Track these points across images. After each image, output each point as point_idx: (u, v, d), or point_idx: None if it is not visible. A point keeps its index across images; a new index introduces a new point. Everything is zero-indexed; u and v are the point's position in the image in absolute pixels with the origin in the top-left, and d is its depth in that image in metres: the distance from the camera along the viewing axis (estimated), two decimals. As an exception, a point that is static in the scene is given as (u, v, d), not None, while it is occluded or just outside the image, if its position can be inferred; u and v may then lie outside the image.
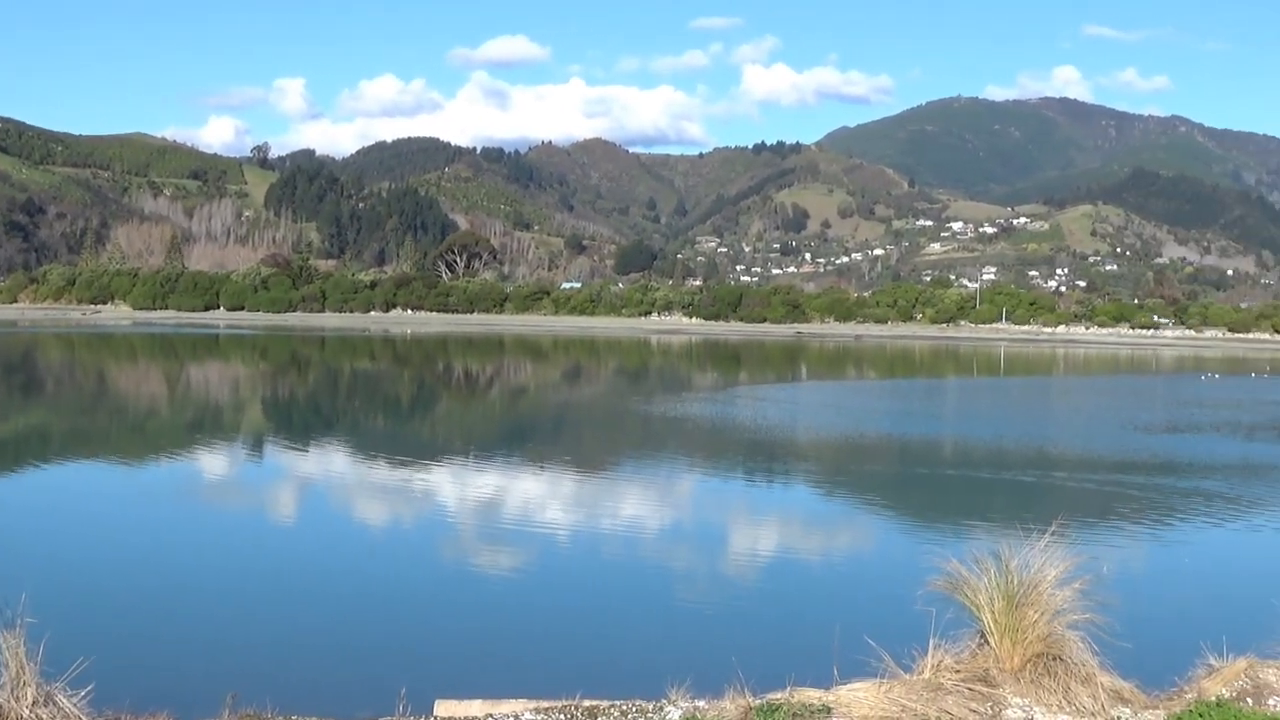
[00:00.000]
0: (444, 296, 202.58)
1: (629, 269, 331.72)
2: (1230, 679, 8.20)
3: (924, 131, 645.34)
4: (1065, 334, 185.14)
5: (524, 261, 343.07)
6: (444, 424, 45.68)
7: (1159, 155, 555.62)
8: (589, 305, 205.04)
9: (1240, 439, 40.44)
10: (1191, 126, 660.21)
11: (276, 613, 15.32)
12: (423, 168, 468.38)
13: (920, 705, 7.55)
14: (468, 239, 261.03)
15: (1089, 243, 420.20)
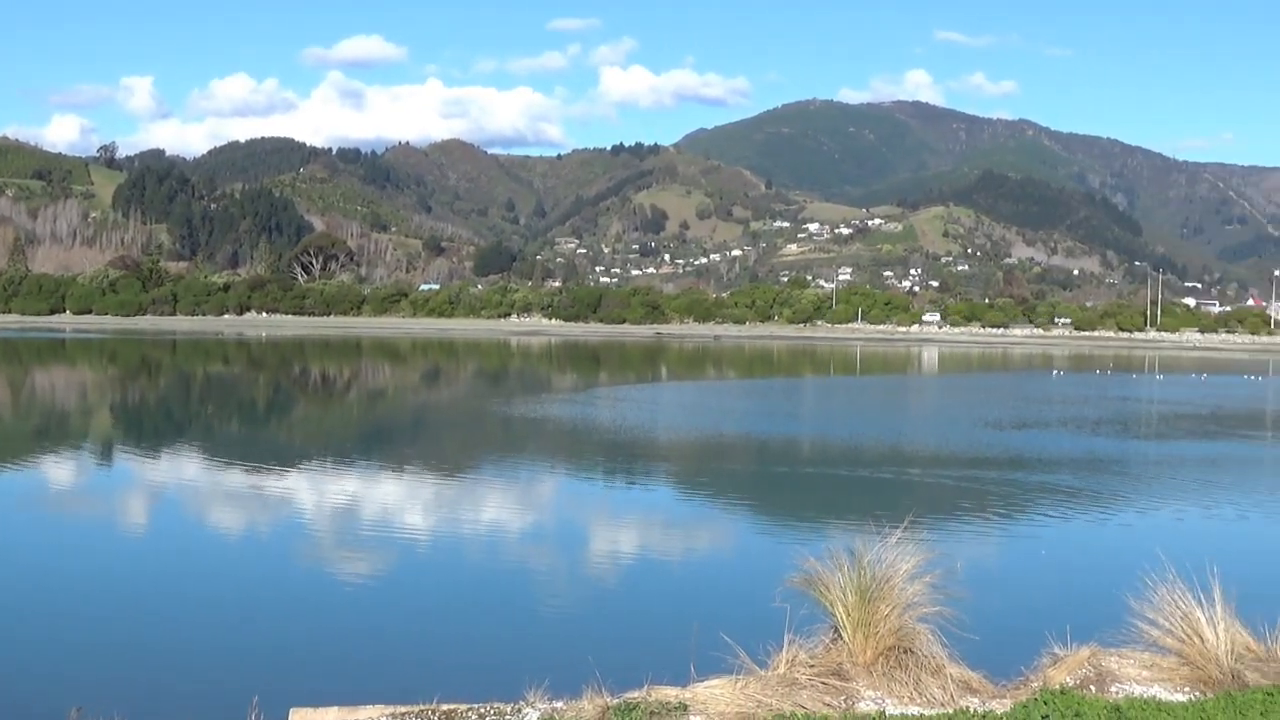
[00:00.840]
0: (300, 299, 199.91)
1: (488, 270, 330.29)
2: (1074, 668, 8.40)
3: (780, 134, 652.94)
4: (919, 333, 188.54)
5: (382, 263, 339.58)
6: (300, 428, 45.02)
7: (1008, 158, 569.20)
8: (448, 307, 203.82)
9: (1086, 434, 41.54)
10: (1038, 130, 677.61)
11: (124, 623, 14.94)
12: (277, 168, 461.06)
13: (775, 700, 7.62)
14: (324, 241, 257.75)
15: (941, 244, 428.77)
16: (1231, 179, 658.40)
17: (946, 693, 7.91)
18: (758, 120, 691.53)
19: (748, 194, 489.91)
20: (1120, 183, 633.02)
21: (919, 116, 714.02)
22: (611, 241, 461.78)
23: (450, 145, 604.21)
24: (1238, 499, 26.65)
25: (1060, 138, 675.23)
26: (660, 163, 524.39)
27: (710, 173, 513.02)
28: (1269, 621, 9.26)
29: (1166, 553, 9.45)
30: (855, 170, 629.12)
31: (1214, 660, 8.46)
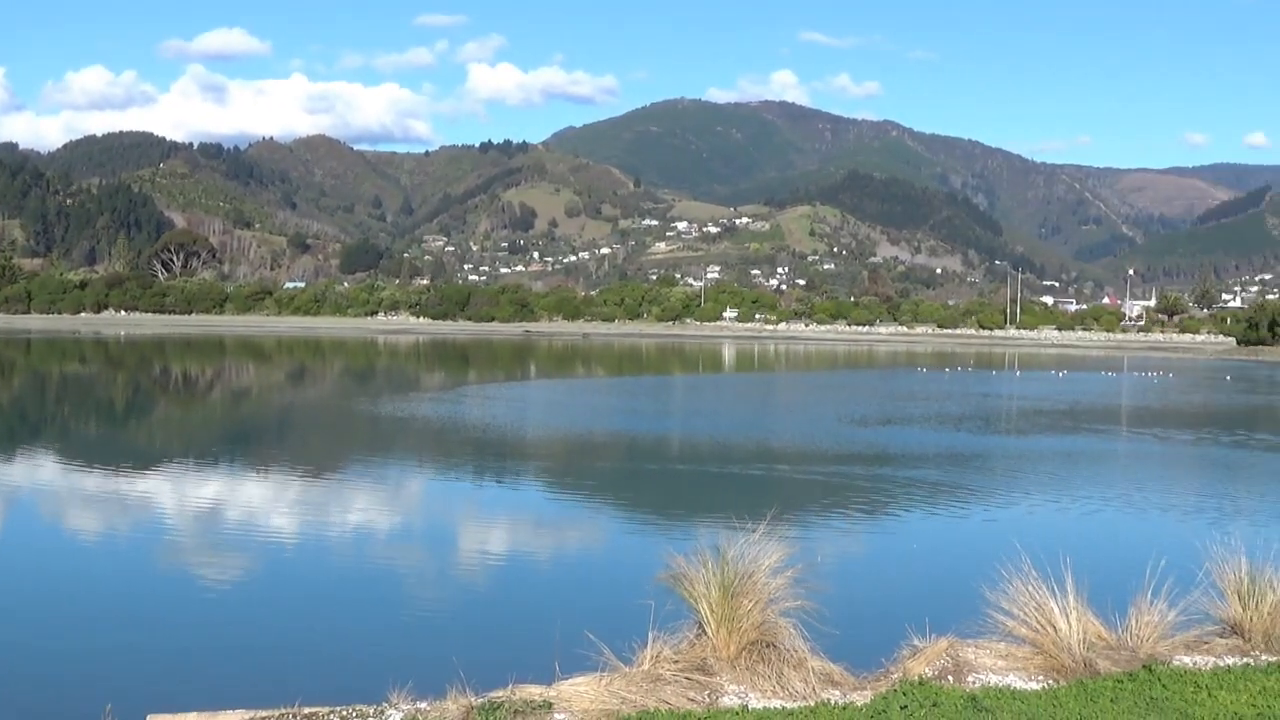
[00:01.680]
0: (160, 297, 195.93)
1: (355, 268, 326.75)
2: (933, 659, 8.56)
3: (649, 132, 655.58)
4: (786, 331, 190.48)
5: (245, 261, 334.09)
6: (161, 429, 44.07)
7: (872, 158, 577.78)
8: (313, 305, 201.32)
9: (949, 430, 42.31)
10: (902, 131, 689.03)
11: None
12: (136, 163, 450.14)
13: (640, 696, 7.65)
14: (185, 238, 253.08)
15: (808, 242, 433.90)
16: (1087, 180, 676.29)
17: (808, 685, 8.01)
18: (626, 119, 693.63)
19: (616, 192, 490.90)
20: (981, 183, 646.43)
21: (785, 116, 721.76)
22: (480, 239, 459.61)
23: (316, 141, 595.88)
24: (1092, 492, 27.35)
25: (923, 139, 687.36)
26: (529, 160, 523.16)
27: (579, 171, 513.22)
28: (1119, 610, 9.52)
29: (1023, 545, 9.66)
30: (723, 169, 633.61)
31: (1067, 649, 8.68)
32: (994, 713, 7.37)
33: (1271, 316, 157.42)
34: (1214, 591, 9.89)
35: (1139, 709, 7.51)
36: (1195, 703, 7.72)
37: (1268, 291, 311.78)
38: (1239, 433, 44.47)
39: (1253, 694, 7.89)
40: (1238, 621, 9.61)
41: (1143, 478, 30.97)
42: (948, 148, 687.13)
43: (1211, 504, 26.17)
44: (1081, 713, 7.37)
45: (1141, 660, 8.81)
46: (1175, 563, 9.97)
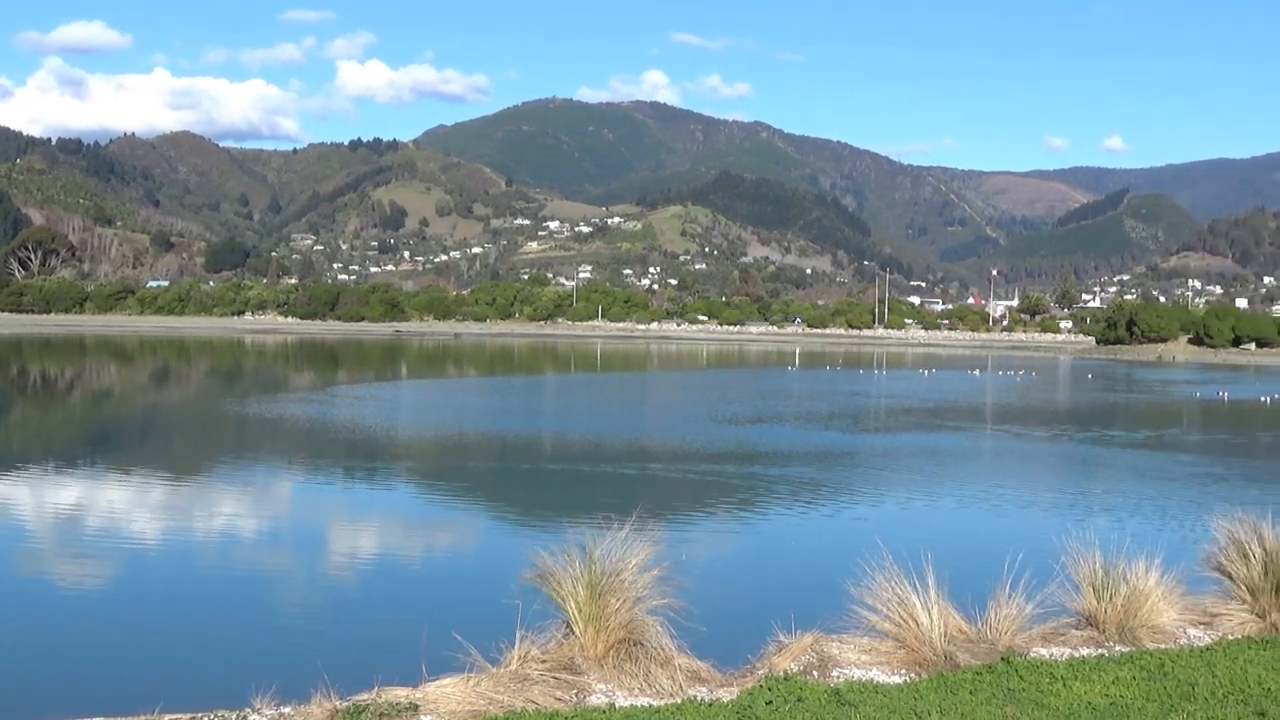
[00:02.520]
0: (17, 296, 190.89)
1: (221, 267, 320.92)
2: (798, 654, 8.67)
3: (520, 131, 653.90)
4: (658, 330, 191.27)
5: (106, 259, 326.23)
6: (19, 432, 42.88)
7: (743, 159, 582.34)
8: (178, 305, 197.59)
9: (819, 428, 42.83)
10: (772, 132, 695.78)
11: None
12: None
13: (507, 697, 7.64)
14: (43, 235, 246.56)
15: (679, 242, 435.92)
16: (953, 182, 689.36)
17: (675, 683, 8.06)
18: (498, 118, 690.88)
19: (488, 191, 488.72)
20: (850, 185, 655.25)
21: (657, 116, 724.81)
22: (350, 238, 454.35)
23: (179, 137, 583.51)
24: (956, 489, 27.88)
25: (793, 140, 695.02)
26: (400, 159, 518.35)
27: (450, 169, 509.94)
28: (979, 604, 9.72)
29: (887, 541, 9.82)
30: (595, 169, 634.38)
31: (928, 643, 8.85)
32: (857, 706, 7.49)
33: (1129, 316, 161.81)
34: (1070, 585, 10.14)
35: (997, 700, 7.67)
36: (1051, 693, 7.91)
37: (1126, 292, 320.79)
38: (1096, 430, 45.63)
39: (1106, 684, 8.11)
40: (1092, 613, 9.87)
41: (1004, 474, 31.64)
42: (817, 149, 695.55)
43: (1069, 499, 26.82)
44: (941, 704, 7.52)
45: (1000, 652, 9.01)
46: (1034, 557, 10.20)
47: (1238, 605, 10.34)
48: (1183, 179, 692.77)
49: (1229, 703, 7.67)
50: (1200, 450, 38.94)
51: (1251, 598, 10.31)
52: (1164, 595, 10.06)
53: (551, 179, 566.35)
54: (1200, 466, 33.66)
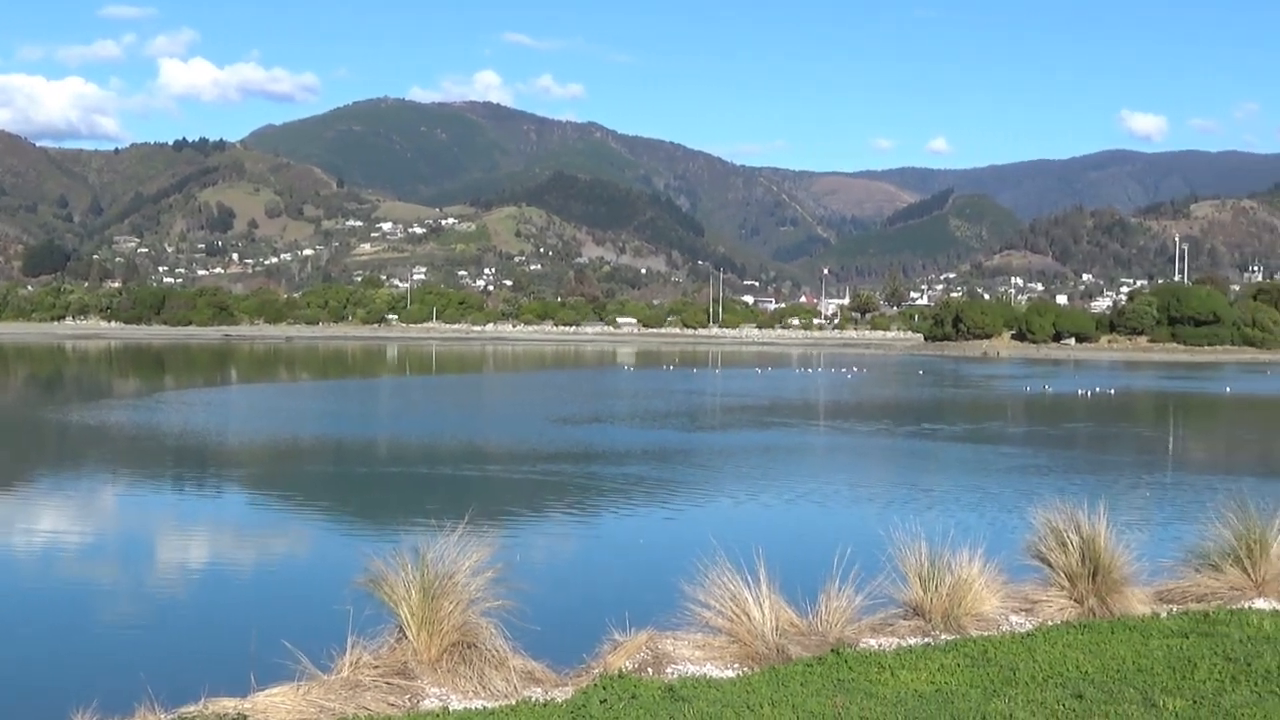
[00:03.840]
0: None
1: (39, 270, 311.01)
2: (633, 652, 8.71)
3: (352, 131, 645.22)
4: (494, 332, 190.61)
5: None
6: None
7: (577, 160, 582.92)
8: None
9: (655, 427, 43.09)
10: (606, 133, 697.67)
11: None
12: None
13: (339, 704, 7.54)
14: None
15: (514, 243, 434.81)
16: (784, 183, 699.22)
17: (510, 684, 8.04)
18: (328, 117, 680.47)
19: (319, 192, 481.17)
20: (683, 185, 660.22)
21: (490, 117, 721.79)
22: (176, 240, 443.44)
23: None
24: (789, 484, 28.30)
25: (626, 140, 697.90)
26: (227, 159, 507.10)
27: (280, 170, 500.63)
28: (810, 598, 9.88)
29: (720, 538, 9.91)
30: (428, 169, 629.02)
31: (760, 637, 8.96)
32: (690, 702, 7.55)
33: (955, 314, 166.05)
34: (898, 576, 10.36)
35: (827, 690, 7.81)
36: (879, 682, 8.08)
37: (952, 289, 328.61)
38: (925, 424, 46.70)
39: (932, 672, 8.32)
40: (919, 603, 10.10)
41: (836, 469, 32.21)
42: (650, 150, 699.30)
43: (898, 493, 27.41)
44: (773, 697, 7.62)
45: (831, 644, 9.17)
46: (863, 550, 10.40)
47: (1057, 591, 10.67)
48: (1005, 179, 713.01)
49: (1048, 686, 7.92)
50: (1023, 442, 40.11)
51: (1070, 584, 10.64)
52: (987, 584, 10.33)
53: (384, 180, 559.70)
54: (1023, 458, 34.66)
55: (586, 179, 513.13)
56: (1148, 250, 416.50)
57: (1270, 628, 9.62)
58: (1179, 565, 11.86)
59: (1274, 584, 11.20)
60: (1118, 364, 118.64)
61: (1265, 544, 11.30)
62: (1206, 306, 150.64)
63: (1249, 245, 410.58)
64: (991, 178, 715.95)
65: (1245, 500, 11.60)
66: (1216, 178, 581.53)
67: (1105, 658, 8.67)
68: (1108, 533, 10.69)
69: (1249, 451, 40.46)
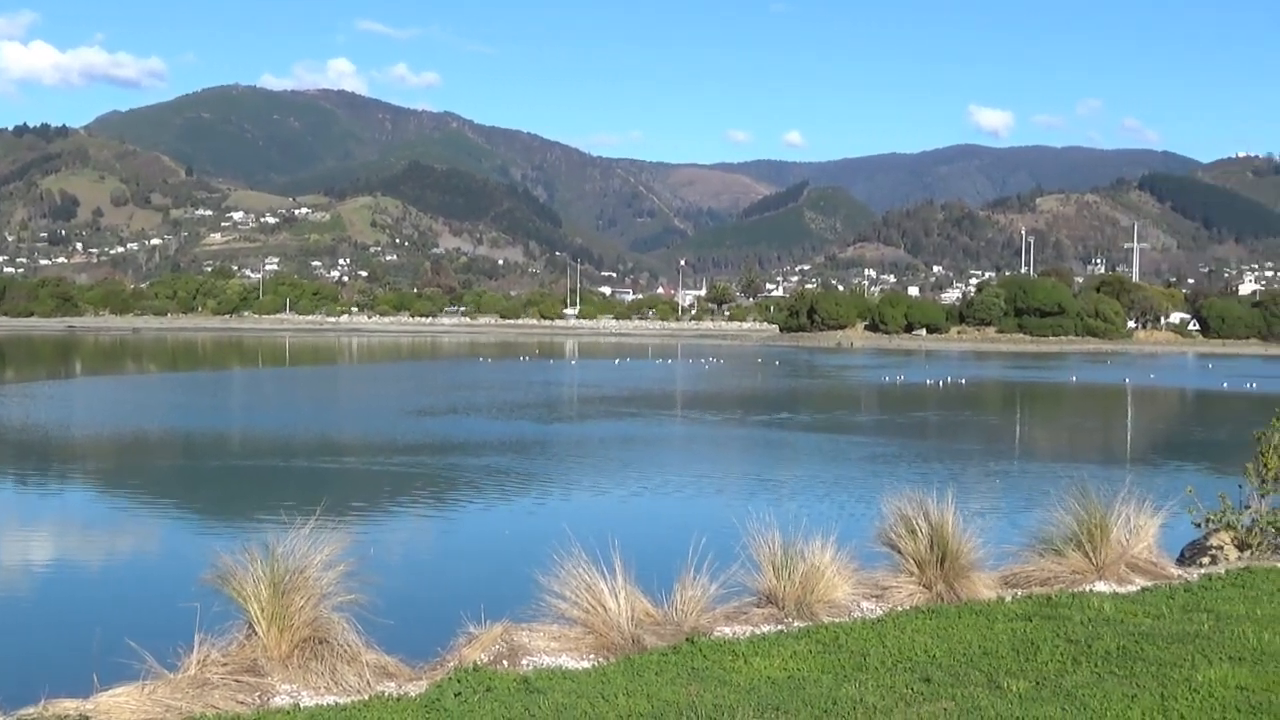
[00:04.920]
0: None
1: None
2: (488, 644, 8.66)
3: (201, 119, 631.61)
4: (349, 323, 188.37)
5: None
6: None
7: (433, 149, 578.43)
8: None
9: (513, 418, 42.97)
10: (462, 123, 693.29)
11: None
12: None
13: (186, 703, 7.37)
14: None
15: (369, 233, 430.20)
16: (641, 174, 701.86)
17: (363, 680, 7.94)
18: (176, 104, 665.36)
19: (167, 180, 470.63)
20: (541, 176, 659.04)
21: (345, 105, 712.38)
22: (16, 229, 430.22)
23: None
24: (646, 474, 28.45)
25: (483, 131, 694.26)
26: (70, 146, 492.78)
27: (126, 157, 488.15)
28: (666, 587, 9.92)
29: (577, 529, 9.90)
30: (280, 158, 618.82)
31: (616, 627, 8.98)
32: (545, 693, 7.54)
33: (810, 305, 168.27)
34: (752, 565, 10.44)
35: (681, 679, 7.85)
36: (733, 670, 8.15)
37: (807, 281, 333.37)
38: (780, 414, 47.27)
39: (784, 658, 8.41)
40: (773, 591, 10.19)
41: (693, 459, 32.45)
42: (507, 140, 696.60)
43: (754, 482, 27.72)
44: (628, 687, 7.64)
45: (686, 633, 9.22)
46: (719, 539, 10.47)
47: (906, 578, 10.85)
48: (858, 172, 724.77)
49: (898, 670, 8.06)
50: (876, 431, 40.83)
51: (919, 570, 10.83)
52: (839, 571, 10.46)
53: (235, 168, 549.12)
54: (875, 447, 35.28)
55: (443, 169, 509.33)
56: (996, 243, 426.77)
57: (1110, 610, 9.90)
58: (1024, 550, 12.14)
59: (1114, 568, 11.53)
60: (967, 354, 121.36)
61: (1105, 529, 11.63)
62: (1051, 298, 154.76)
63: (1092, 238, 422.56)
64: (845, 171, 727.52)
65: (1087, 487, 11.91)
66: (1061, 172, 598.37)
67: (952, 642, 8.85)
68: (955, 520, 10.90)
69: (1091, 439, 41.69)
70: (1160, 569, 11.99)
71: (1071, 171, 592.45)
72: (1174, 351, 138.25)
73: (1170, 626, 9.27)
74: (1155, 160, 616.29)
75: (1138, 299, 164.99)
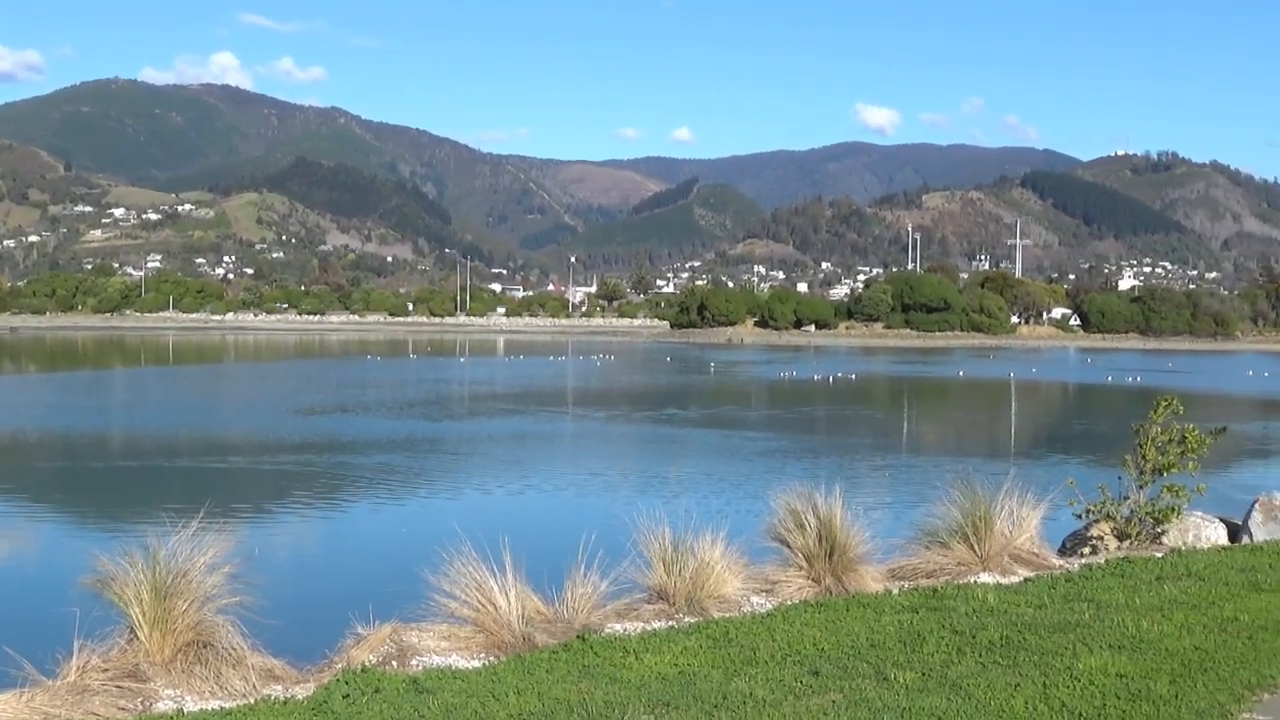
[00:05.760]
0: None
1: None
2: (376, 645, 8.58)
3: (80, 113, 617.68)
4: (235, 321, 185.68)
5: None
6: None
7: (320, 145, 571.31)
8: None
9: (404, 417, 42.63)
10: (350, 118, 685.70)
11: None
12: None
13: (65, 710, 7.21)
14: None
15: (255, 230, 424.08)
16: (532, 171, 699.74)
17: (248, 683, 7.82)
18: (54, 98, 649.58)
19: (45, 176, 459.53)
20: (430, 172, 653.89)
21: (229, 100, 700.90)
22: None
23: None
24: (538, 472, 28.38)
25: (371, 127, 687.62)
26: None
27: (1, 153, 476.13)
28: (557, 585, 9.90)
29: (468, 527, 9.84)
30: (163, 154, 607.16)
31: (506, 626, 8.94)
32: (435, 693, 7.48)
33: (700, 301, 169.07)
34: (642, 561, 10.46)
35: (572, 676, 7.84)
36: (624, 666, 8.15)
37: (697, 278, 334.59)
38: (672, 410, 47.43)
39: (675, 654, 8.43)
40: (663, 587, 10.22)
41: (584, 456, 32.45)
42: (396, 136, 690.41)
43: (645, 478, 27.77)
44: (519, 685, 7.61)
45: (577, 630, 9.20)
46: (611, 536, 10.47)
47: (796, 572, 10.94)
48: (747, 169, 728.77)
49: (787, 664, 8.12)
50: (767, 427, 41.14)
51: (808, 564, 10.93)
52: (729, 566, 10.52)
53: (115, 164, 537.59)
54: (766, 442, 35.55)
55: (330, 165, 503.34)
56: (883, 239, 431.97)
57: (994, 601, 10.07)
58: (911, 543, 12.29)
59: (998, 559, 11.73)
60: (855, 350, 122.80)
61: (990, 521, 11.82)
62: (937, 294, 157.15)
63: (976, 235, 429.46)
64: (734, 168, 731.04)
65: (972, 480, 12.10)
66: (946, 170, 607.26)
67: (841, 634, 8.93)
68: (843, 514, 11.01)
69: (977, 433, 42.40)
70: (1043, 560, 12.23)
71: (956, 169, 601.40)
72: (1056, 346, 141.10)
73: (1052, 616, 9.44)
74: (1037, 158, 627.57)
75: (1021, 295, 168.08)
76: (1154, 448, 13.89)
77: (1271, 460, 34.17)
